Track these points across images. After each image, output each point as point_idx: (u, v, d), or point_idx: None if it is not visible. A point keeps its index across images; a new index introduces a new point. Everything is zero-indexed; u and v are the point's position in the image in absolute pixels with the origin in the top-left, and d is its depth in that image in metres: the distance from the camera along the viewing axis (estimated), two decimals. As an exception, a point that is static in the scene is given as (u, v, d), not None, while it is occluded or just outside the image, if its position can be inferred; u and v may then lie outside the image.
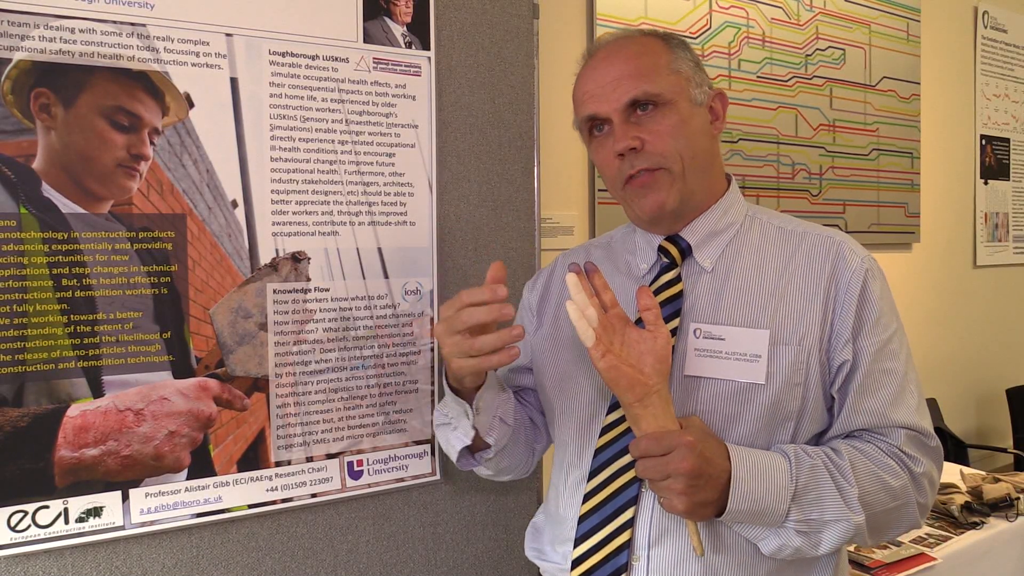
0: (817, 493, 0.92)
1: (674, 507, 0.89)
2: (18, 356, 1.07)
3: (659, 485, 0.90)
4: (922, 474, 0.98)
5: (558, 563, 1.08)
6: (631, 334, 0.94)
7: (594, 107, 1.04)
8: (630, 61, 1.03)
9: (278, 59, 1.25)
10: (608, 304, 0.96)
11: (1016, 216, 3.45)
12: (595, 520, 1.01)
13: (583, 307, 0.92)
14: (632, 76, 1.02)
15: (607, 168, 1.05)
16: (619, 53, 1.05)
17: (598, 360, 0.92)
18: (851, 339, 0.99)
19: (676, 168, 1.02)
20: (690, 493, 0.88)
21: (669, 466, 0.88)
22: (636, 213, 1.07)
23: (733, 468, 0.90)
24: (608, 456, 1.02)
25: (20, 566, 1.09)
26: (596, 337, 0.92)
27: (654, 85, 1.01)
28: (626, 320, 0.96)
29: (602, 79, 1.03)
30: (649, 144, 1.01)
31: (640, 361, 0.92)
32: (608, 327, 0.94)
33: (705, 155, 1.05)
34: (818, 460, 0.94)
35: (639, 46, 1.05)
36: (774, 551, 0.94)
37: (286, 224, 1.27)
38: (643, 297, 0.95)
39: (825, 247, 1.03)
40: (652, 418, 0.91)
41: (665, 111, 1.02)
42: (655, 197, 1.02)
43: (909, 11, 2.86)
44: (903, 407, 0.99)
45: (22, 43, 1.07)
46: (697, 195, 1.06)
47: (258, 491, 1.25)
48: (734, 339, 1.00)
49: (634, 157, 1.01)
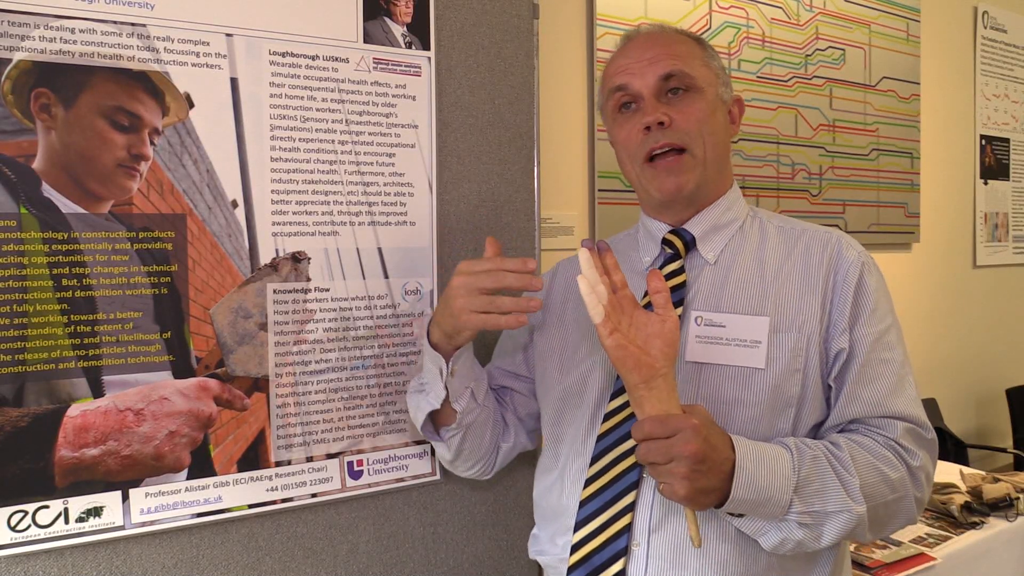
0: (819, 484, 0.92)
1: (675, 492, 0.87)
2: (18, 356, 1.07)
3: (661, 469, 0.88)
4: (919, 468, 0.98)
5: (558, 554, 1.08)
6: (640, 316, 0.93)
7: (627, 79, 1.06)
8: (669, 45, 1.07)
9: (278, 59, 1.26)
10: (618, 285, 0.95)
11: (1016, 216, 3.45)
12: (596, 505, 1.01)
13: (594, 283, 0.91)
14: (669, 56, 1.06)
15: (630, 142, 1.07)
16: (658, 37, 1.09)
17: (605, 337, 0.90)
18: (848, 328, 1.01)
19: (699, 152, 1.05)
20: (693, 478, 0.86)
21: (673, 449, 0.86)
22: (652, 192, 1.08)
23: (737, 457, 0.90)
24: (610, 442, 1.03)
25: (20, 566, 1.09)
26: (605, 314, 0.91)
27: (690, 68, 1.06)
28: (635, 302, 0.95)
29: (639, 56, 1.07)
30: (677, 122, 1.04)
31: (647, 343, 0.91)
32: (617, 306, 0.93)
33: (723, 148, 1.10)
34: (819, 452, 0.94)
35: (679, 38, 1.10)
36: (775, 546, 0.94)
37: (286, 224, 1.27)
38: (653, 280, 0.94)
39: (823, 242, 1.06)
40: (657, 401, 0.90)
41: (695, 96, 1.05)
42: (676, 179, 1.05)
43: (909, 11, 2.86)
44: (902, 397, 1.00)
45: (22, 43, 1.07)
46: (710, 185, 1.09)
47: (258, 491, 1.25)
48: (735, 326, 1.02)
49: (660, 132, 1.04)
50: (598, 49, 2.01)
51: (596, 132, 2.03)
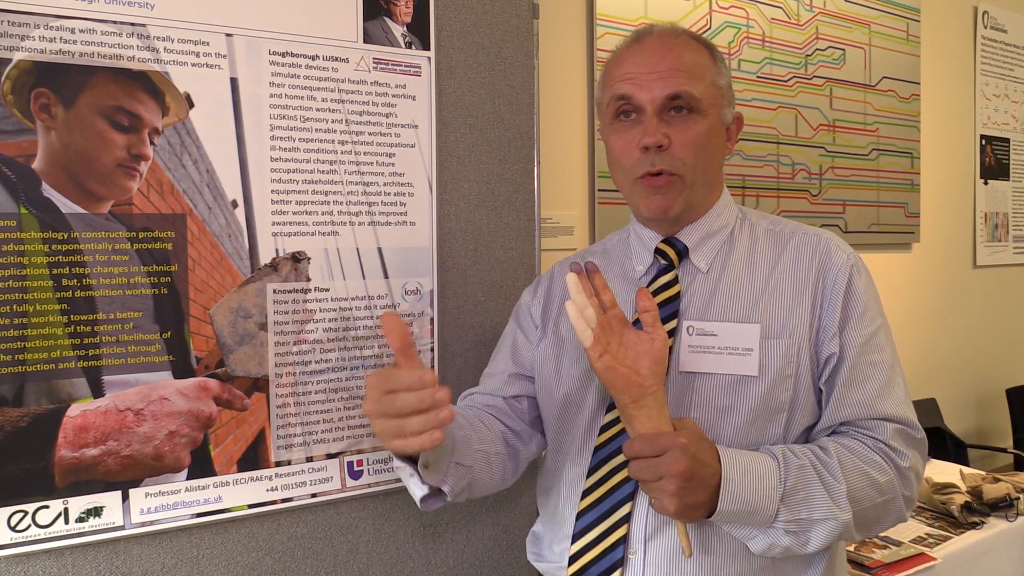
0: (805, 493, 0.93)
1: (665, 508, 0.90)
2: (18, 356, 1.07)
3: (651, 486, 0.90)
4: (908, 468, 0.99)
5: (556, 561, 1.09)
6: (629, 335, 0.95)
7: (632, 90, 1.03)
8: (682, 58, 1.03)
9: (278, 59, 1.25)
10: (607, 305, 0.97)
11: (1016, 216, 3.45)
12: (592, 516, 1.02)
13: (582, 307, 0.93)
14: (681, 73, 1.02)
15: (625, 155, 1.06)
16: (671, 47, 1.04)
17: (595, 360, 0.92)
18: (837, 332, 1.01)
19: (689, 178, 1.04)
20: (682, 495, 0.89)
21: (662, 467, 0.88)
22: (640, 209, 1.09)
23: (724, 470, 0.91)
24: (606, 453, 1.03)
25: (20, 566, 1.09)
26: (594, 337, 0.93)
27: (698, 90, 1.03)
28: (624, 321, 0.97)
29: (648, 66, 1.03)
30: (675, 147, 1.02)
31: (637, 362, 0.93)
32: (606, 327, 0.95)
33: (715, 170, 1.09)
34: (806, 460, 0.95)
35: (691, 49, 1.05)
36: (763, 550, 0.95)
37: (286, 224, 1.27)
38: (642, 299, 0.96)
39: (812, 245, 1.06)
40: (646, 419, 0.92)
41: (697, 119, 1.03)
42: (663, 200, 1.04)
43: (909, 11, 2.86)
44: (890, 398, 1.00)
45: (22, 43, 1.07)
46: (698, 203, 1.09)
47: (258, 491, 1.25)
48: (726, 334, 1.02)
49: (657, 155, 1.02)
50: (598, 49, 2.01)
51: (596, 132, 2.03)
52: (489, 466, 1.12)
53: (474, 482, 1.09)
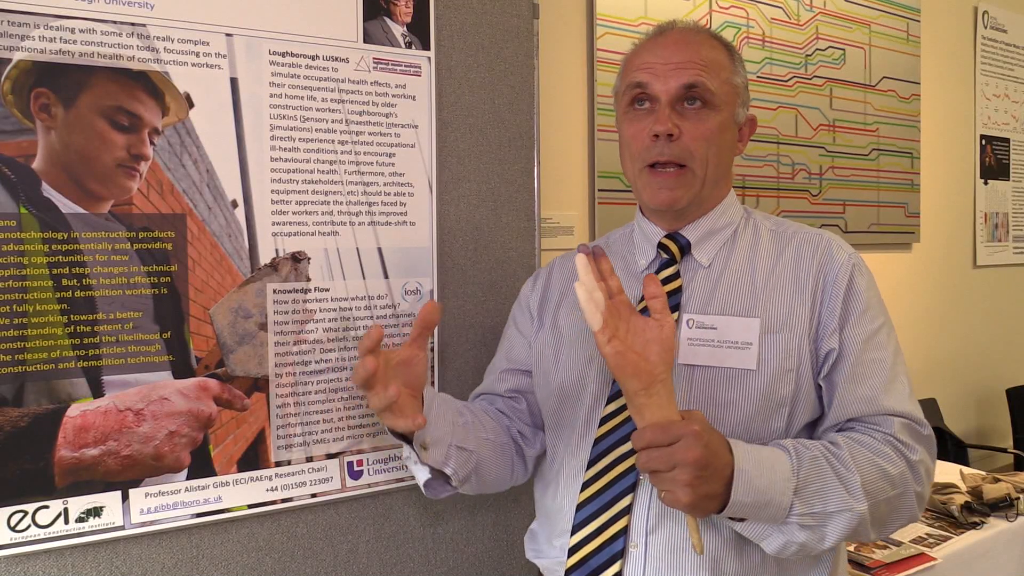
0: (819, 485, 0.92)
1: (678, 500, 0.87)
2: (18, 356, 1.07)
3: (663, 476, 0.87)
4: (918, 462, 0.98)
5: (555, 556, 1.08)
6: (637, 322, 0.93)
7: (648, 78, 1.05)
8: (700, 52, 1.05)
9: (278, 59, 1.25)
10: (614, 290, 0.94)
11: (1016, 216, 3.45)
12: (592, 508, 1.01)
13: (591, 289, 0.90)
14: (697, 65, 1.04)
15: (635, 142, 1.06)
16: (690, 42, 1.06)
17: (604, 345, 0.89)
18: (838, 329, 1.01)
19: (699, 171, 1.05)
20: (696, 484, 0.86)
21: (676, 455, 0.85)
22: (645, 199, 1.09)
23: (736, 460, 0.89)
24: (607, 445, 1.03)
25: (20, 566, 1.09)
26: (603, 321, 0.90)
27: (713, 84, 1.04)
28: (631, 307, 0.95)
29: (666, 57, 1.05)
30: (686, 138, 1.03)
31: (646, 349, 0.90)
32: (615, 312, 0.92)
33: (725, 166, 1.10)
34: (817, 452, 0.94)
35: (710, 45, 1.07)
36: (778, 549, 0.93)
37: (286, 224, 1.27)
38: (650, 285, 0.93)
39: (813, 244, 1.07)
40: (657, 408, 0.89)
41: (710, 113, 1.04)
42: (670, 193, 1.05)
43: (909, 11, 2.86)
44: (895, 394, 1.00)
45: (22, 43, 1.07)
46: (705, 199, 1.09)
47: (258, 491, 1.25)
48: (725, 327, 1.02)
49: (666, 144, 1.03)
50: (598, 49, 2.01)
51: (596, 132, 2.03)
52: (496, 454, 1.13)
53: (481, 468, 1.11)
